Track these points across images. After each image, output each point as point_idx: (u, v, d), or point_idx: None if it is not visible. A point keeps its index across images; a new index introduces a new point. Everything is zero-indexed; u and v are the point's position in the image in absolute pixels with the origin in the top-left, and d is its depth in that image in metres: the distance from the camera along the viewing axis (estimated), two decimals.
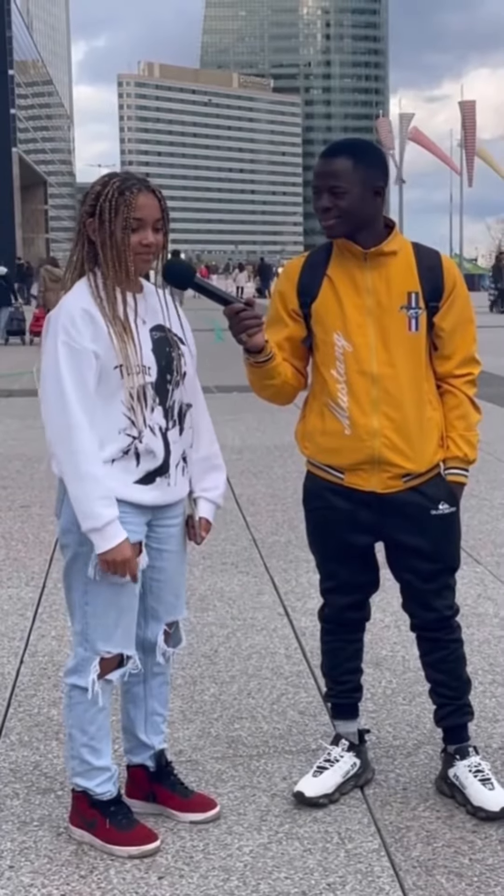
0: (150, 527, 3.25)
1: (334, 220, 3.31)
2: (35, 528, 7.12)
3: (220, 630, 5.18)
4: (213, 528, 3.45)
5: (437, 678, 3.59)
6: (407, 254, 3.40)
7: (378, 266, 3.35)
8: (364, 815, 3.44)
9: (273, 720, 4.16)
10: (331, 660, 3.67)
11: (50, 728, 4.07)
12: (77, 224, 3.20)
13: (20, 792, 3.62)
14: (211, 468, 3.41)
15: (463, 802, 3.46)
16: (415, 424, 3.38)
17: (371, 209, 3.33)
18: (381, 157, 3.41)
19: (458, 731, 3.59)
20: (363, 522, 3.44)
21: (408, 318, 3.35)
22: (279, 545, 6.64)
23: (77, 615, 3.24)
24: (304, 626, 5.13)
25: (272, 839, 3.29)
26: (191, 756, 3.86)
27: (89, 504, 3.06)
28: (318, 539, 3.58)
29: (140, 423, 3.14)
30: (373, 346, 3.34)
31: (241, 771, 3.75)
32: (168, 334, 3.26)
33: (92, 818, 3.28)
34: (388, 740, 3.97)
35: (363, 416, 3.36)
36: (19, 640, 5.08)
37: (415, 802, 3.52)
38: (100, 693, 3.22)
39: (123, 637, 3.23)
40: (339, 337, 3.37)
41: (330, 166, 3.30)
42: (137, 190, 3.13)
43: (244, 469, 9.16)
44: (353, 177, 3.28)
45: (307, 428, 3.52)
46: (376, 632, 4.99)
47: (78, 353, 3.07)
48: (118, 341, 3.09)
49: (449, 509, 3.45)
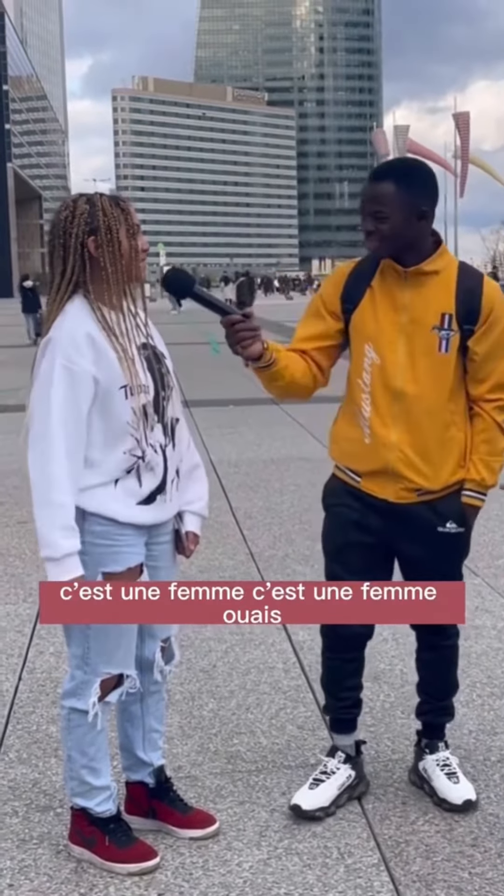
0: (146, 546, 3.25)
1: (377, 243, 3.34)
2: (32, 544, 7.09)
3: (219, 645, 5.18)
4: (210, 543, 3.46)
5: (425, 676, 3.69)
6: (449, 273, 3.40)
7: (417, 285, 3.37)
8: (363, 830, 3.44)
9: (272, 735, 4.16)
10: (331, 676, 3.69)
11: (49, 745, 4.07)
12: (68, 245, 3.10)
13: (19, 809, 3.62)
14: (193, 480, 3.40)
15: (430, 793, 3.58)
16: (434, 443, 3.40)
17: (414, 231, 3.33)
18: (427, 179, 3.38)
19: (435, 728, 3.70)
20: (369, 525, 3.48)
21: (439, 338, 3.36)
22: (276, 559, 6.64)
23: (77, 638, 3.23)
24: (301, 640, 5.13)
25: (272, 855, 3.29)
26: (190, 772, 3.86)
27: (51, 532, 3.03)
28: (329, 535, 3.61)
29: (144, 442, 3.15)
30: (401, 363, 3.37)
31: (241, 786, 3.74)
32: (154, 350, 3.27)
33: (91, 836, 3.27)
34: (387, 754, 3.97)
35: (383, 428, 3.39)
36: (17, 657, 5.08)
37: (414, 816, 3.52)
38: (99, 715, 3.22)
39: (124, 657, 3.23)
40: (369, 349, 3.40)
41: (374, 190, 3.33)
42: (122, 200, 3.17)
43: (241, 483, 9.15)
44: (396, 202, 3.29)
45: (336, 429, 3.59)
46: (374, 645, 4.97)
47: (77, 377, 3.04)
48: (122, 362, 3.09)
49: (456, 529, 3.47)
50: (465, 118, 79.83)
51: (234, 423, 12.18)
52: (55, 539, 3.03)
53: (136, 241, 3.14)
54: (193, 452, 3.43)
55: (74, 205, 3.13)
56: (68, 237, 3.11)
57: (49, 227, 3.23)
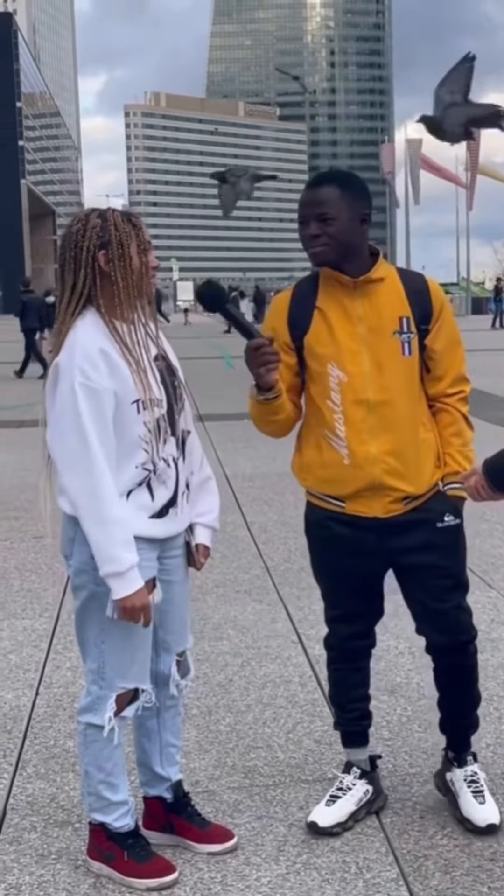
0: (158, 560, 3.25)
1: (322, 246, 3.33)
2: (49, 559, 7.12)
3: (235, 659, 5.18)
4: (225, 557, 3.46)
5: (447, 693, 3.63)
6: (393, 279, 3.43)
7: (367, 294, 3.38)
8: (382, 844, 3.43)
9: (289, 749, 4.15)
10: (337, 688, 3.69)
11: (66, 760, 4.07)
12: (80, 259, 3.11)
13: (38, 825, 3.62)
14: (204, 492, 3.40)
15: (452, 806, 3.55)
16: (411, 447, 3.40)
17: (357, 236, 3.36)
18: (365, 187, 3.45)
19: (461, 741, 3.65)
20: (368, 549, 3.44)
21: (401, 342, 3.38)
22: (292, 573, 6.64)
23: (92, 653, 3.23)
24: (318, 653, 5.11)
25: (290, 869, 3.28)
26: (207, 786, 3.85)
27: (112, 548, 3.04)
28: (322, 568, 3.60)
29: (156, 456, 3.15)
30: (368, 374, 3.36)
31: (258, 801, 3.74)
32: (168, 362, 3.28)
33: (110, 851, 3.27)
34: (405, 768, 3.96)
35: (361, 445, 3.37)
36: (34, 672, 5.08)
37: (432, 831, 3.51)
38: (116, 730, 3.22)
39: (139, 672, 3.23)
40: (333, 367, 3.38)
41: (317, 195, 3.35)
42: (134, 216, 3.19)
43: (256, 497, 9.16)
44: (341, 204, 3.32)
45: (304, 460, 3.54)
46: (390, 659, 4.98)
47: (97, 394, 3.04)
48: (135, 376, 3.10)
49: (454, 521, 3.47)
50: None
51: (248, 437, 12.17)
52: (119, 554, 3.04)
53: (147, 257, 3.15)
54: (205, 465, 3.43)
55: (87, 219, 3.14)
56: (80, 251, 3.12)
57: (60, 241, 3.24)
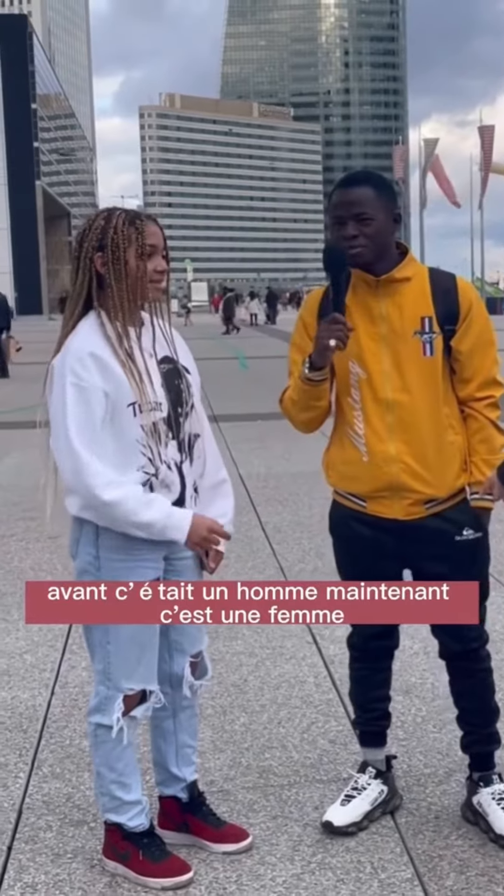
0: (167, 560, 3.25)
1: (360, 248, 3.32)
2: (64, 559, 7.13)
3: (249, 659, 5.19)
4: (240, 557, 3.45)
5: (464, 706, 3.59)
6: (421, 279, 3.41)
7: (391, 293, 3.37)
8: (396, 845, 3.43)
9: (304, 749, 4.16)
10: (359, 687, 3.68)
11: (82, 760, 4.08)
12: (80, 259, 3.15)
13: (53, 824, 3.63)
14: (218, 496, 3.39)
15: (486, 830, 3.46)
16: (433, 449, 3.38)
17: (391, 236, 3.37)
18: (393, 188, 3.47)
19: (484, 758, 3.59)
20: (387, 550, 3.44)
21: (422, 342, 3.36)
22: (306, 573, 6.64)
23: (98, 654, 3.24)
24: (332, 653, 5.13)
25: (305, 869, 3.29)
26: (222, 786, 3.86)
27: (135, 519, 3.07)
28: (344, 567, 3.59)
29: (157, 459, 3.15)
30: (387, 373, 3.35)
31: (273, 801, 3.74)
32: (176, 365, 3.27)
33: (125, 850, 3.28)
34: (419, 768, 3.96)
35: (380, 443, 3.36)
36: (50, 672, 5.10)
37: (447, 831, 3.51)
38: (125, 730, 3.23)
39: (146, 673, 3.24)
40: (353, 364, 3.38)
41: (353, 195, 3.33)
42: (145, 218, 3.17)
43: (270, 497, 9.16)
44: (377, 204, 3.32)
45: (330, 456, 3.54)
46: (405, 659, 4.98)
47: (86, 392, 3.05)
48: (130, 379, 3.09)
49: (474, 535, 3.44)
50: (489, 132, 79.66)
51: (262, 438, 12.18)
52: (141, 519, 3.07)
53: (145, 261, 3.13)
54: (220, 467, 3.42)
55: (93, 221, 3.17)
56: (81, 252, 3.15)
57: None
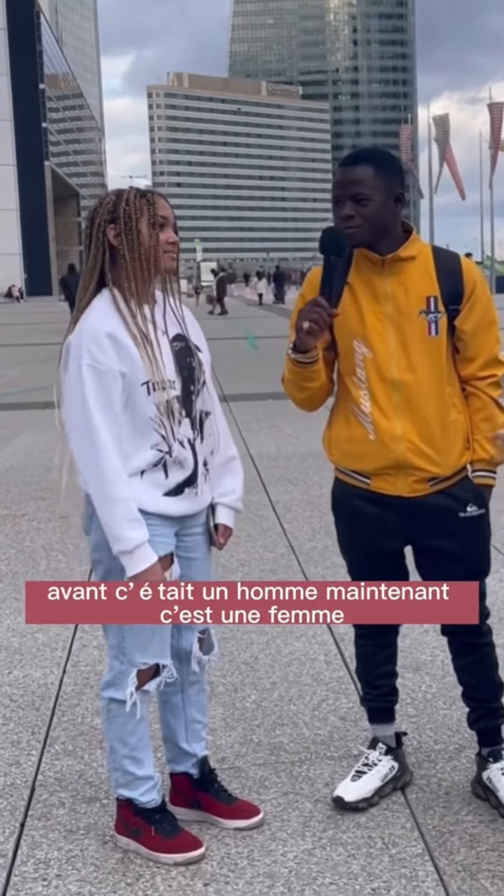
0: (177, 537, 3.27)
1: (356, 228, 3.31)
2: (75, 539, 7.16)
3: (260, 637, 5.20)
4: (250, 536, 3.46)
5: (468, 682, 3.61)
6: (426, 258, 3.40)
7: (396, 272, 3.36)
8: (407, 820, 3.45)
9: (314, 726, 4.17)
10: (365, 664, 3.70)
11: (94, 737, 4.11)
12: (92, 234, 3.16)
13: (66, 801, 3.66)
14: (227, 473, 3.41)
15: (497, 805, 3.47)
16: (438, 428, 3.38)
17: (391, 216, 3.33)
18: (399, 165, 3.43)
19: (491, 734, 3.60)
20: (391, 527, 3.45)
21: (427, 322, 3.35)
22: (316, 551, 6.66)
23: (112, 629, 3.26)
24: (343, 631, 5.14)
25: (316, 845, 3.31)
26: (233, 763, 3.88)
27: (118, 528, 3.08)
28: (348, 544, 3.61)
29: (170, 437, 3.16)
30: (393, 353, 3.35)
31: (284, 777, 3.76)
32: (188, 343, 3.28)
33: (137, 826, 3.30)
34: (430, 745, 3.98)
35: (386, 421, 3.37)
36: (62, 651, 5.13)
37: (457, 806, 3.52)
38: (138, 704, 3.25)
39: (159, 647, 3.26)
40: (359, 344, 3.38)
41: (352, 175, 3.31)
42: (155, 194, 3.19)
43: (280, 476, 9.17)
44: (376, 184, 3.29)
45: (333, 434, 3.54)
46: (415, 636, 4.99)
47: (103, 375, 3.06)
48: (145, 358, 3.10)
49: (477, 511, 3.45)
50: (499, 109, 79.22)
51: (272, 417, 12.19)
52: (122, 533, 3.08)
53: (158, 231, 3.13)
54: (229, 445, 3.43)
55: (104, 198, 3.19)
56: (93, 227, 3.16)
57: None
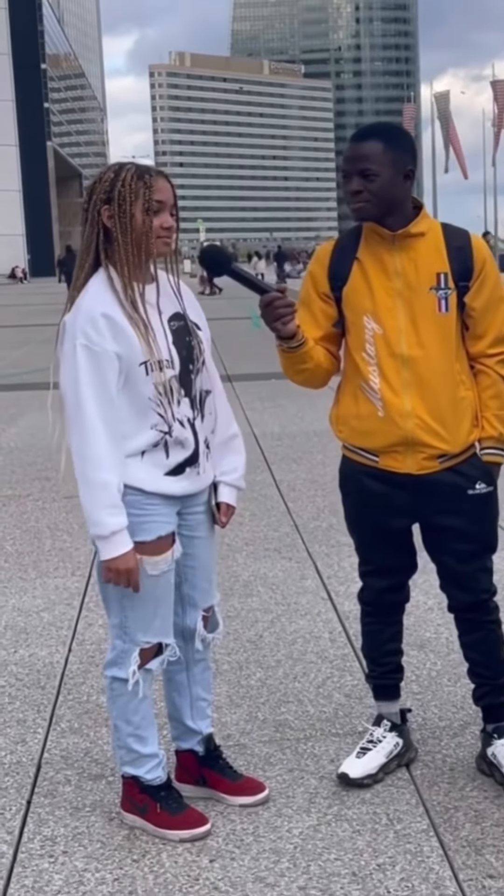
0: (180, 515, 3.27)
1: (364, 203, 3.30)
2: (80, 518, 7.14)
3: (265, 615, 5.21)
4: (255, 515, 3.47)
5: (474, 658, 3.61)
6: (435, 234, 3.39)
7: (406, 248, 3.35)
8: (412, 796, 3.46)
9: (319, 703, 4.19)
10: (370, 641, 3.70)
11: (99, 715, 4.12)
12: (88, 213, 3.14)
13: (72, 778, 3.67)
14: (229, 451, 3.41)
15: (501, 781, 3.48)
16: (447, 405, 3.37)
17: (401, 192, 3.32)
18: (410, 141, 3.40)
19: (496, 710, 3.61)
20: (399, 505, 3.45)
21: (437, 298, 3.34)
22: (321, 530, 6.66)
23: (114, 608, 3.26)
24: (347, 609, 5.15)
25: (321, 821, 3.32)
26: (239, 740, 3.89)
27: (96, 512, 3.07)
28: (355, 523, 3.60)
29: (169, 417, 3.15)
30: (403, 329, 3.34)
31: (289, 754, 3.78)
32: (186, 322, 3.26)
33: (143, 803, 3.32)
34: (434, 721, 3.99)
35: (395, 398, 3.36)
36: (67, 629, 5.14)
37: (462, 783, 3.53)
38: (141, 683, 3.25)
39: (162, 626, 3.26)
40: (368, 319, 3.37)
41: (360, 150, 3.29)
42: (155, 173, 3.14)
43: (284, 455, 9.17)
44: (384, 159, 3.27)
45: (341, 411, 3.53)
46: (420, 614, 5.00)
47: (98, 356, 3.05)
48: (141, 338, 3.08)
49: (486, 489, 3.45)
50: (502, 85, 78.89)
51: (276, 397, 12.18)
52: (101, 518, 3.07)
53: (151, 217, 3.10)
54: (230, 423, 3.42)
55: (103, 173, 3.15)
56: (89, 204, 3.14)
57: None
